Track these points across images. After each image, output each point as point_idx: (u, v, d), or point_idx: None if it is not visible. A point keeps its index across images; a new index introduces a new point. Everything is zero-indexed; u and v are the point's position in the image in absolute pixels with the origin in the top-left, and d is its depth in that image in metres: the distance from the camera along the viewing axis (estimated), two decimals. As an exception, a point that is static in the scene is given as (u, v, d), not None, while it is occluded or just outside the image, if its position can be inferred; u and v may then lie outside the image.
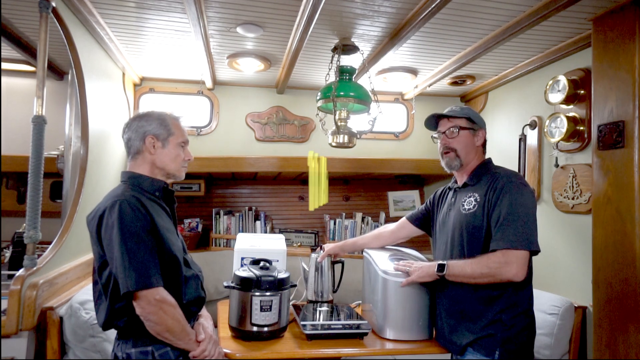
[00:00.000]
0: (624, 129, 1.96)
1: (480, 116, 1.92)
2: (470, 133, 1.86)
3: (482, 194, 1.77)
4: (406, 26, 2.34)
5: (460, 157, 1.85)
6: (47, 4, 1.91)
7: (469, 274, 1.69)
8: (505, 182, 1.72)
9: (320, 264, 2.37)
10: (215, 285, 3.24)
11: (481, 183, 1.81)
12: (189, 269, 1.64)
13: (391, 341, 1.94)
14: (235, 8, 2.23)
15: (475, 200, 1.77)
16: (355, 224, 3.84)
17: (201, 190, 3.65)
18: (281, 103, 3.71)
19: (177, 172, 1.70)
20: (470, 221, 1.76)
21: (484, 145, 1.91)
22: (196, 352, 1.52)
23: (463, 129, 1.85)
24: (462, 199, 1.84)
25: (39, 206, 1.87)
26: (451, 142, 1.86)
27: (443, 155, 1.90)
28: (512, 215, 1.64)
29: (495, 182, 1.75)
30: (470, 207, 1.78)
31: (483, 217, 1.73)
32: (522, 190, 1.71)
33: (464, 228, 1.78)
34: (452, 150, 1.86)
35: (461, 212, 1.81)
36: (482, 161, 1.89)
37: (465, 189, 1.87)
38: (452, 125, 1.86)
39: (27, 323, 1.83)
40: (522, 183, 1.75)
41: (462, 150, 1.85)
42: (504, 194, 1.69)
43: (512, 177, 1.76)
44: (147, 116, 1.67)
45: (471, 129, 1.86)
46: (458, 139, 1.85)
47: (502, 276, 1.63)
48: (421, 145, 3.92)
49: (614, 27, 2.03)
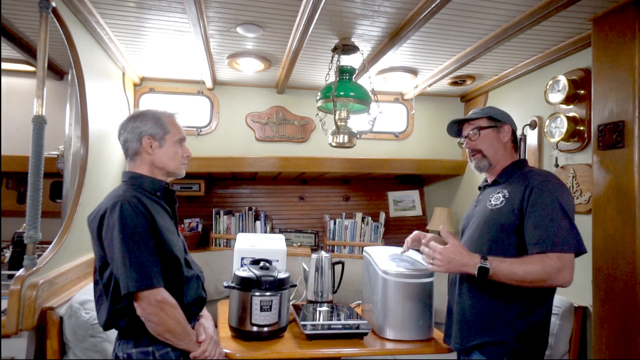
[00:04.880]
0: (624, 129, 1.96)
1: (504, 112, 1.85)
2: (494, 131, 1.80)
3: (512, 190, 1.67)
4: (406, 26, 2.34)
5: (488, 157, 1.79)
6: (47, 4, 1.91)
7: (519, 277, 1.53)
8: (543, 180, 1.63)
9: (321, 264, 2.38)
10: (215, 285, 3.24)
11: (512, 180, 1.72)
12: (189, 269, 1.64)
13: (391, 341, 1.94)
14: (235, 8, 2.22)
15: (503, 197, 1.68)
16: (355, 224, 3.84)
17: (201, 190, 3.66)
18: (281, 103, 3.71)
19: (177, 170, 1.69)
20: (496, 217, 1.67)
21: (514, 142, 1.83)
22: (197, 352, 1.52)
23: (484, 129, 1.80)
24: (490, 195, 1.75)
25: (39, 206, 1.87)
26: (475, 143, 1.81)
27: (471, 158, 1.85)
28: (559, 215, 1.54)
29: (530, 179, 1.65)
30: (498, 203, 1.69)
31: (512, 214, 1.62)
32: (564, 189, 1.63)
33: (490, 224, 1.69)
34: (477, 151, 1.81)
35: (487, 208, 1.72)
36: (515, 160, 1.81)
37: (494, 185, 1.80)
38: (472, 128, 1.82)
39: (27, 323, 1.83)
40: (561, 183, 1.66)
41: (488, 150, 1.79)
42: (545, 192, 1.59)
43: (550, 177, 1.67)
44: (141, 116, 1.65)
45: (494, 126, 1.80)
46: (481, 139, 1.80)
47: (555, 282, 1.53)
48: (421, 145, 3.92)
49: (614, 27, 2.03)
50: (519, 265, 1.53)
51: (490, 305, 1.65)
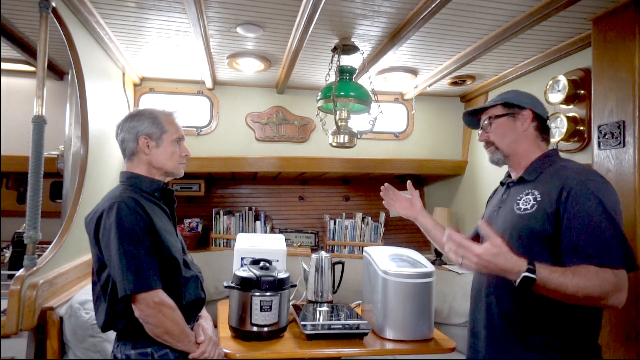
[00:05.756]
0: (624, 129, 1.96)
1: (526, 94, 1.61)
2: (509, 119, 1.57)
3: (545, 191, 1.42)
4: (406, 26, 2.34)
5: (501, 149, 1.58)
6: (47, 4, 1.91)
7: (571, 292, 1.24)
8: (583, 179, 1.37)
9: (321, 264, 2.38)
10: (215, 285, 3.24)
11: (542, 178, 1.48)
12: (188, 270, 1.63)
13: (391, 341, 1.94)
14: (235, 8, 2.22)
15: (534, 200, 1.43)
16: (355, 224, 3.84)
17: (201, 190, 3.66)
18: (281, 103, 3.71)
19: (175, 170, 1.67)
20: (527, 224, 1.42)
21: (538, 129, 1.57)
22: (196, 353, 1.52)
23: (497, 117, 1.59)
24: (517, 197, 1.50)
25: (39, 206, 1.87)
26: (487, 135, 1.61)
27: (486, 151, 1.65)
28: (607, 223, 1.30)
29: (567, 178, 1.39)
30: (528, 207, 1.44)
31: (546, 220, 1.38)
32: (608, 188, 1.37)
33: (519, 232, 1.43)
34: (490, 143, 1.61)
35: (514, 212, 1.47)
36: (544, 152, 1.56)
37: (521, 184, 1.54)
38: (485, 118, 1.63)
39: (27, 323, 1.83)
40: (604, 180, 1.40)
41: (501, 141, 1.58)
42: (588, 194, 1.33)
43: (591, 174, 1.40)
44: (138, 116, 1.64)
45: (509, 114, 1.57)
46: (494, 130, 1.60)
47: (609, 302, 1.26)
48: (421, 145, 3.92)
49: (613, 27, 2.03)
50: (571, 278, 1.25)
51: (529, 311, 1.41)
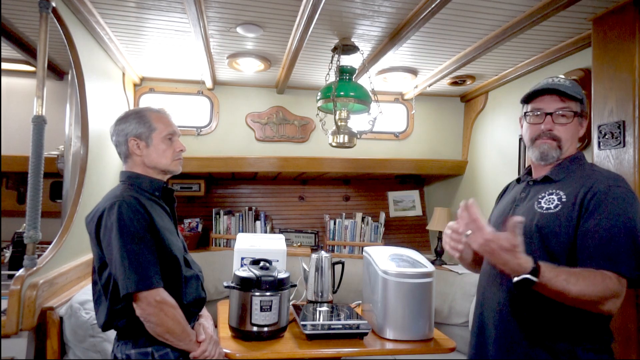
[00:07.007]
0: (624, 129, 1.96)
1: None
2: (578, 121, 1.44)
3: (571, 193, 1.35)
4: (406, 26, 2.34)
5: (562, 149, 1.43)
6: (47, 4, 1.91)
7: (574, 293, 1.19)
8: (611, 185, 1.31)
9: (321, 264, 2.38)
10: (215, 285, 3.24)
11: (570, 180, 1.39)
12: (189, 269, 1.63)
13: (391, 341, 1.94)
14: (235, 8, 2.23)
15: (559, 200, 1.35)
16: (355, 224, 3.84)
17: (201, 190, 3.66)
18: (281, 103, 3.71)
19: (170, 167, 1.65)
20: (551, 225, 1.33)
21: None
22: (196, 352, 1.52)
23: (576, 116, 1.43)
24: (539, 195, 1.41)
25: (39, 206, 1.87)
26: (559, 129, 1.42)
27: (534, 141, 1.45)
28: (626, 231, 1.25)
29: (595, 181, 1.33)
30: (551, 207, 1.35)
31: (569, 223, 1.31)
32: (635, 198, 1.31)
33: (537, 229, 1.35)
34: (555, 139, 1.42)
35: (536, 210, 1.38)
36: (572, 154, 1.47)
37: (545, 184, 1.44)
38: (565, 107, 1.41)
39: (27, 323, 1.83)
40: (631, 190, 1.34)
41: (567, 142, 1.43)
42: (613, 199, 1.28)
43: (620, 181, 1.34)
44: (125, 118, 1.63)
45: (581, 115, 1.45)
46: (568, 128, 1.42)
47: (604, 308, 1.23)
48: (421, 145, 3.92)
49: (614, 27, 2.03)
50: (575, 282, 1.19)
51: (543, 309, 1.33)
